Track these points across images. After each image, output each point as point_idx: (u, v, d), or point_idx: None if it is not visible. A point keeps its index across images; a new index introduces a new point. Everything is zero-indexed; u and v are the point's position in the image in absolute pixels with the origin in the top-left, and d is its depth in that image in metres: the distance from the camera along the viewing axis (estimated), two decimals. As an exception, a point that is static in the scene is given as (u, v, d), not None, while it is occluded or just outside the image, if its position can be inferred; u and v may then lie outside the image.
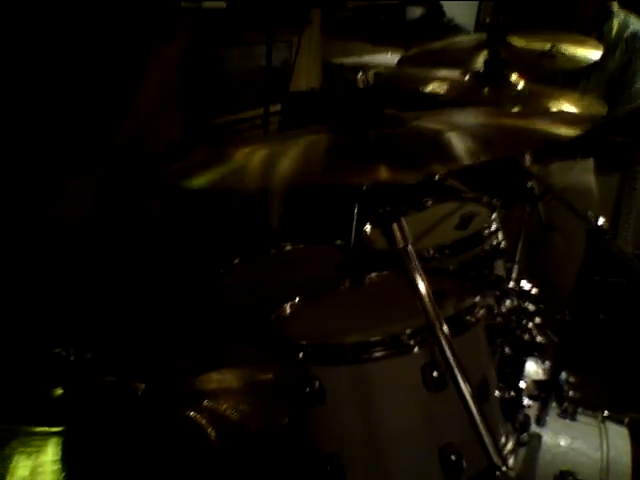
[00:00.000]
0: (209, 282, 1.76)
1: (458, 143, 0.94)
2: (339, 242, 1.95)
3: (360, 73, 0.94)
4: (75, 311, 1.21)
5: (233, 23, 2.92)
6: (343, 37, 3.25)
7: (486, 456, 0.98)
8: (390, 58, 2.90)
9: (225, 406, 1.04)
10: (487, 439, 0.97)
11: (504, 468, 0.97)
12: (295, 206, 2.80)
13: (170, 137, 2.55)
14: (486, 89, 1.54)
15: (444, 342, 0.98)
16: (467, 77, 1.59)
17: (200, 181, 1.01)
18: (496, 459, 0.97)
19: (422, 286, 0.98)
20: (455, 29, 3.11)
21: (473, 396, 0.97)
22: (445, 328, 0.98)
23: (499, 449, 0.99)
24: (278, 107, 2.85)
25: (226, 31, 2.87)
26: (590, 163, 2.52)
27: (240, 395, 1.08)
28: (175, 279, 1.72)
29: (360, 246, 1.95)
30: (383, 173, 0.87)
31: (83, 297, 1.26)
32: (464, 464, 1.21)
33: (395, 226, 0.97)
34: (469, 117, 1.13)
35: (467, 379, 0.97)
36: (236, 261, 1.87)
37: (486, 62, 1.64)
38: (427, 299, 0.98)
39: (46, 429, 0.97)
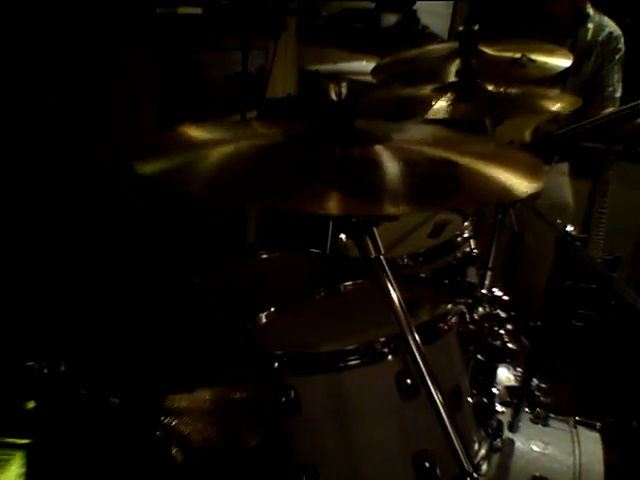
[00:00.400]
0: (184, 291, 1.75)
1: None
2: (315, 250, 1.95)
3: (333, 84, 0.94)
4: (49, 324, 1.20)
5: (209, 29, 2.92)
6: (318, 44, 3.26)
7: (457, 463, 0.99)
8: (365, 65, 2.92)
9: (193, 426, 1.03)
10: (458, 446, 0.98)
11: (475, 475, 0.98)
12: (271, 214, 2.80)
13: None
14: (460, 104, 1.56)
15: (415, 351, 0.99)
16: (446, 95, 1.59)
17: (150, 168, 0.95)
18: (467, 466, 0.98)
19: (394, 295, 0.99)
20: (429, 37, 3.14)
21: (444, 404, 0.98)
22: (416, 337, 0.99)
23: (470, 456, 1.00)
24: (254, 113, 2.85)
25: (202, 37, 2.87)
26: (565, 166, 2.56)
27: (209, 415, 1.07)
28: (150, 288, 1.71)
29: (336, 254, 1.96)
30: (332, 205, 0.83)
31: (57, 310, 1.26)
32: (438, 471, 1.22)
33: (367, 236, 0.98)
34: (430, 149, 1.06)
35: (438, 387, 0.99)
36: (212, 269, 1.86)
37: (458, 72, 1.66)
38: (399, 308, 0.99)
39: (14, 441, 0.96)
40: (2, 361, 1.00)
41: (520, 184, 0.92)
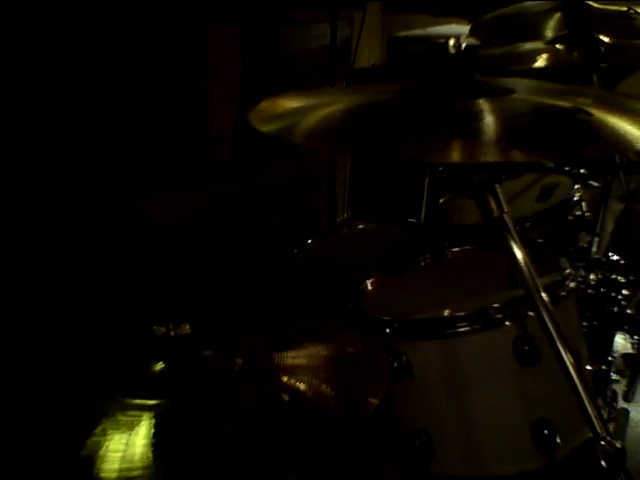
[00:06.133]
0: (283, 263, 1.76)
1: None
2: (412, 220, 1.92)
3: (452, 39, 0.92)
4: (173, 289, 1.25)
5: (293, 2, 2.90)
6: (403, 10, 3.19)
7: (590, 427, 0.95)
8: (455, 28, 2.83)
9: (312, 384, 1.03)
10: (591, 410, 0.94)
11: (609, 438, 0.94)
12: (361, 182, 2.78)
13: (236, 123, 2.57)
14: (575, 53, 1.49)
15: (544, 312, 0.95)
16: (556, 45, 1.54)
17: (269, 127, 0.97)
18: (600, 430, 0.94)
19: (519, 255, 0.96)
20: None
21: (575, 366, 0.94)
22: (545, 297, 0.95)
23: (603, 420, 0.96)
24: (342, 85, 2.82)
25: (284, 11, 2.86)
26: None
27: (327, 373, 1.07)
28: (250, 261, 1.74)
29: (433, 221, 1.92)
30: (455, 153, 0.82)
31: (181, 277, 1.31)
32: (558, 439, 1.19)
33: (489, 195, 0.95)
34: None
35: (569, 349, 0.95)
36: (309, 241, 1.86)
37: (569, 24, 1.58)
38: (525, 268, 0.95)
39: (143, 402, 0.99)
40: (131, 325, 1.04)
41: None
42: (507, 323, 1.17)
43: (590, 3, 1.76)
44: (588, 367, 1.30)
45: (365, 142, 0.87)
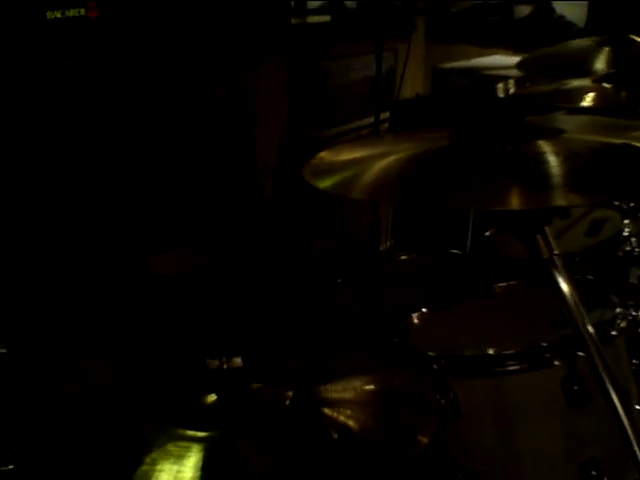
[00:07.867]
0: (326, 295, 1.78)
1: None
2: (456, 251, 1.91)
3: (501, 82, 0.93)
4: (227, 322, 1.27)
5: (337, 36, 2.97)
6: (448, 41, 3.22)
7: (636, 468, 0.94)
8: (500, 59, 2.84)
9: (359, 418, 1.03)
10: (638, 451, 0.93)
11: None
12: (405, 212, 2.79)
13: (280, 154, 2.62)
14: (623, 92, 1.48)
15: (594, 353, 0.94)
16: (604, 84, 1.53)
17: (325, 184, 0.99)
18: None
19: (570, 295, 0.95)
20: (566, 27, 3.00)
21: (625, 408, 0.93)
22: (596, 339, 0.95)
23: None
24: (386, 115, 2.85)
25: (329, 44, 2.93)
26: None
27: (374, 408, 1.07)
28: (295, 294, 1.77)
29: (479, 254, 1.91)
30: (515, 200, 0.83)
31: (234, 309, 1.33)
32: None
33: (539, 236, 0.95)
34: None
35: (619, 391, 0.94)
36: (351, 272, 1.87)
37: (617, 63, 1.57)
38: (575, 309, 0.95)
39: (194, 433, 1.01)
40: (185, 358, 1.08)
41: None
42: (556, 363, 1.16)
43: (637, 39, 1.74)
44: (637, 407, 1.28)
45: (427, 195, 0.88)
